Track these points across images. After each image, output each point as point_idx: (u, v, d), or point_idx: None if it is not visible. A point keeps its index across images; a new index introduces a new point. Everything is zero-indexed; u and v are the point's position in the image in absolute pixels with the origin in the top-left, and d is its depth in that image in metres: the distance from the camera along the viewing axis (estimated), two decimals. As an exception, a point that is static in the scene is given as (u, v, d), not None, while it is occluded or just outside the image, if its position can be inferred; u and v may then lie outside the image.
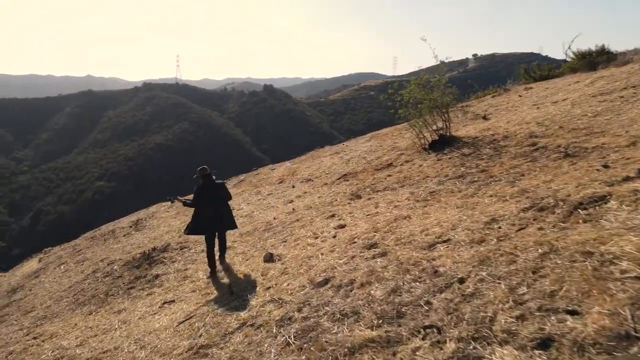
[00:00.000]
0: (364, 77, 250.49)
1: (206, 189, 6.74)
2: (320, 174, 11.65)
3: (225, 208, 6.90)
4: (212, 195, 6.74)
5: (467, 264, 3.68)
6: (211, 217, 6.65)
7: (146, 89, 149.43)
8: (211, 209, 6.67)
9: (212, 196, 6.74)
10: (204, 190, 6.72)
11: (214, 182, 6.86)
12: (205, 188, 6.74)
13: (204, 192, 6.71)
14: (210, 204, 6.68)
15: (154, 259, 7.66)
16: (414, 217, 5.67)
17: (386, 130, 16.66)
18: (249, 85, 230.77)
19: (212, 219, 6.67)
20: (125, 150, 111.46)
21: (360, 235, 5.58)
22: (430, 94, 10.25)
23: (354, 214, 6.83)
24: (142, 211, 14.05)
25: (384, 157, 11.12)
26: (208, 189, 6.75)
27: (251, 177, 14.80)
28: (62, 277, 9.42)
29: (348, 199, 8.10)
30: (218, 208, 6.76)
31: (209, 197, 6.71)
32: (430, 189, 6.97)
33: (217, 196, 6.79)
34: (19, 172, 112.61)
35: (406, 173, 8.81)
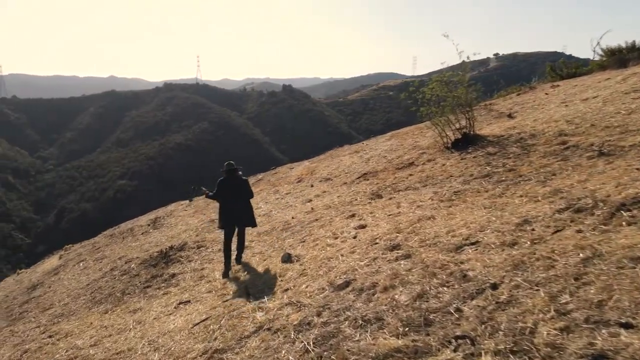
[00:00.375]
0: (383, 77, 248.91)
1: (228, 183, 6.75)
2: (339, 173, 11.43)
3: (245, 204, 6.88)
4: (233, 191, 6.74)
5: (500, 269, 3.42)
6: (231, 211, 6.70)
7: (167, 89, 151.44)
8: (231, 204, 6.71)
9: (234, 191, 6.75)
10: (225, 184, 6.74)
11: (238, 178, 6.87)
12: (227, 183, 6.76)
13: (225, 187, 6.73)
14: (230, 199, 6.72)
15: (171, 258, 7.58)
16: (438, 218, 5.41)
17: (406, 129, 16.35)
18: (268, 86, 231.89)
19: (232, 213, 6.71)
20: (147, 149, 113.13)
21: (382, 236, 5.35)
22: (454, 92, 9.91)
23: (375, 214, 6.60)
24: (160, 209, 14.08)
25: (405, 156, 10.84)
26: (230, 184, 6.76)
27: (269, 176, 14.68)
28: (80, 274, 9.44)
29: (368, 198, 7.87)
30: (238, 204, 6.77)
31: (230, 192, 6.73)
32: (454, 188, 6.68)
33: (238, 192, 6.79)
34: (44, 171, 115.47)
35: (428, 172, 8.53)
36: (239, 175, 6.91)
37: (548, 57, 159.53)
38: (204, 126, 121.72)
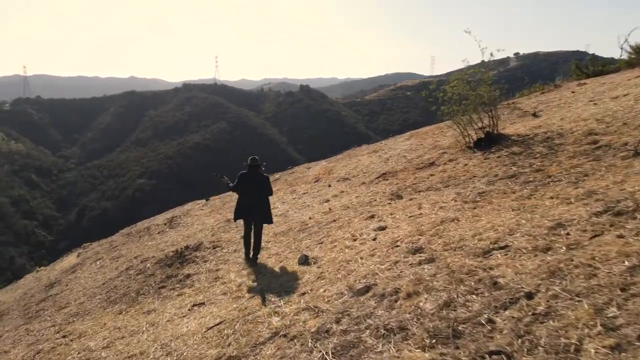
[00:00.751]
0: (401, 77, 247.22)
1: (248, 178, 6.81)
2: (357, 172, 11.20)
3: (263, 201, 6.89)
4: (253, 186, 6.80)
5: (534, 276, 3.17)
6: (248, 206, 6.78)
7: (185, 90, 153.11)
8: (249, 199, 6.78)
9: (253, 186, 6.80)
10: (245, 178, 6.81)
11: (259, 174, 6.89)
12: (248, 177, 6.81)
13: (245, 180, 6.80)
14: (249, 194, 6.79)
15: (186, 258, 7.47)
16: (463, 220, 5.15)
17: (426, 128, 16.01)
18: (285, 86, 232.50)
19: (249, 208, 6.78)
20: (165, 149, 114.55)
21: (404, 239, 5.12)
22: (477, 90, 9.59)
23: (395, 215, 6.36)
24: (177, 209, 14.05)
25: (425, 156, 10.56)
26: (250, 178, 6.81)
27: (286, 176, 14.53)
28: (97, 273, 9.43)
29: (388, 199, 7.63)
30: (256, 199, 6.80)
31: (249, 187, 6.80)
32: (479, 189, 6.40)
33: (258, 188, 6.82)
34: (66, 170, 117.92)
35: (450, 172, 8.24)
36: (260, 171, 6.93)
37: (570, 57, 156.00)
38: (221, 126, 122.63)
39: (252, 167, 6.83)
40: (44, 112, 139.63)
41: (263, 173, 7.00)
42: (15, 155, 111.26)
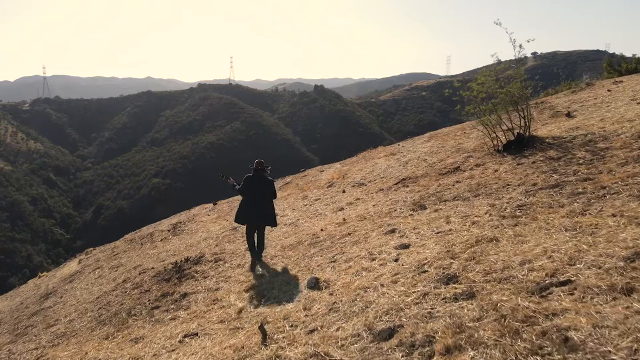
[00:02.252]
0: (416, 77, 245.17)
1: (254, 181, 6.77)
2: (374, 177, 10.38)
3: (267, 204, 6.85)
4: (258, 189, 6.76)
5: (622, 334, 2.33)
6: (252, 209, 6.71)
7: (201, 90, 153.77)
8: (253, 202, 6.74)
9: (258, 190, 6.76)
10: (250, 181, 6.77)
11: (264, 177, 6.87)
12: (253, 180, 6.78)
13: (250, 183, 6.76)
14: (253, 197, 6.75)
15: (185, 273, 6.76)
16: (503, 241, 4.31)
17: (447, 129, 15.10)
18: (299, 86, 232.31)
19: (253, 211, 6.71)
20: (180, 148, 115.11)
21: (432, 262, 4.30)
22: (507, 86, 8.69)
23: (419, 230, 5.54)
24: (183, 213, 13.42)
25: (448, 160, 9.69)
26: (256, 181, 6.77)
27: (298, 179, 13.76)
28: (93, 284, 8.81)
29: (410, 209, 6.80)
30: (260, 202, 6.75)
31: (254, 190, 6.75)
32: (516, 201, 5.53)
33: (262, 191, 6.79)
34: (83, 169, 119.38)
35: (479, 179, 7.38)
36: (266, 175, 6.91)
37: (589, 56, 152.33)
38: (236, 126, 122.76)
39: (257, 170, 6.81)
40: (62, 112, 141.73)
41: (268, 177, 6.95)
42: (34, 154, 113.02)
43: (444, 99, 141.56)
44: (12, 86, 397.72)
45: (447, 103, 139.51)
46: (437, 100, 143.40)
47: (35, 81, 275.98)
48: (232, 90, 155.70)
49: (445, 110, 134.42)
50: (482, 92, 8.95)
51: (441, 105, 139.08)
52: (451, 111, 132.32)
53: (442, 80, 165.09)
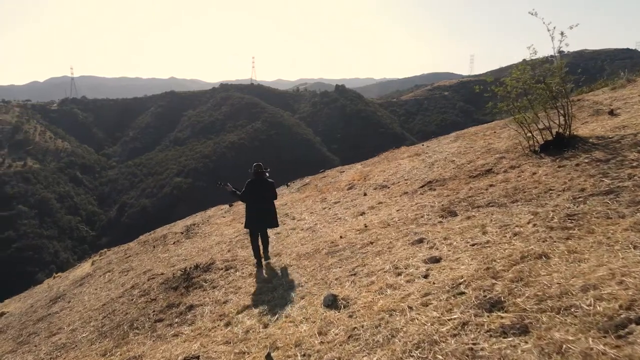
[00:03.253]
0: (438, 77, 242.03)
1: (255, 184, 6.78)
2: (397, 179, 9.74)
3: (269, 206, 6.91)
4: (260, 192, 6.78)
5: None
6: (256, 212, 6.75)
7: (223, 90, 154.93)
8: (258, 205, 6.76)
9: (260, 193, 6.78)
10: (252, 185, 6.76)
11: (264, 180, 6.86)
12: (255, 184, 6.78)
13: (252, 188, 6.76)
14: (256, 200, 6.77)
15: (193, 281, 6.27)
16: (555, 258, 3.65)
17: (474, 129, 14.31)
18: (321, 86, 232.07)
19: (257, 214, 6.76)
20: (202, 148, 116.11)
21: (469, 281, 3.67)
22: (547, 79, 7.92)
23: (451, 241, 4.90)
24: (199, 214, 13.04)
25: (478, 161, 8.97)
26: (257, 185, 6.78)
27: (317, 181, 13.20)
28: (102, 288, 8.45)
29: (438, 215, 6.15)
30: (262, 205, 6.79)
31: (256, 194, 6.77)
32: (564, 209, 4.83)
33: (264, 194, 6.82)
34: (108, 167, 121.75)
35: (515, 183, 6.66)
36: (266, 177, 6.90)
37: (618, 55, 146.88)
38: (257, 125, 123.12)
39: (258, 173, 6.81)
40: (89, 112, 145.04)
41: (268, 179, 6.93)
42: (62, 153, 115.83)
43: (467, 99, 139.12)
44: (42, 86, 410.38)
45: (470, 103, 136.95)
46: (460, 100, 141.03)
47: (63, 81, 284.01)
48: (253, 90, 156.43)
49: (468, 110, 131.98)
50: (517, 87, 8.20)
51: (464, 105, 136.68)
52: (474, 111, 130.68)
53: (465, 80, 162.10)
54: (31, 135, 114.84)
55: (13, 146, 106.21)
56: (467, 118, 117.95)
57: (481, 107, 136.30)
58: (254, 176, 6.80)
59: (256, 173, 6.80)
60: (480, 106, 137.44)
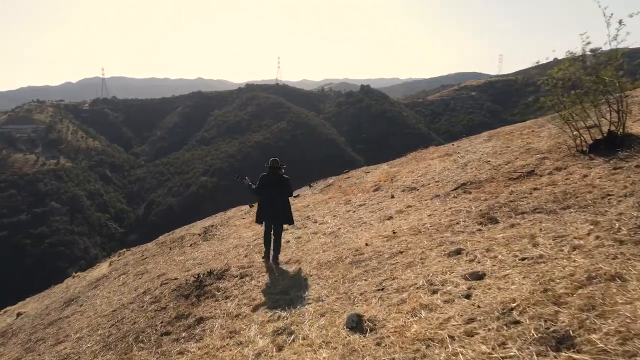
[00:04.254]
0: (465, 77, 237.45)
1: (269, 179, 6.71)
2: (427, 181, 9.05)
3: (283, 202, 6.80)
4: (273, 187, 6.69)
5: None
6: (269, 207, 6.72)
7: (248, 90, 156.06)
8: (270, 200, 6.69)
9: (274, 188, 6.69)
10: (266, 180, 6.71)
11: (279, 175, 6.75)
12: (268, 179, 6.71)
13: (265, 182, 6.70)
14: (270, 195, 6.69)
15: (205, 290, 5.78)
16: (633, 281, 2.96)
17: (509, 128, 13.44)
18: (346, 86, 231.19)
19: (270, 209, 6.72)
20: (227, 147, 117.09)
21: (524, 306, 3.02)
22: (603, 71, 7.10)
23: (495, 254, 4.23)
24: (218, 215, 12.65)
25: (517, 162, 8.20)
26: (271, 180, 6.71)
27: (341, 182, 12.60)
28: (115, 292, 8.11)
29: (476, 222, 5.47)
30: (276, 201, 6.70)
31: (270, 189, 6.69)
32: (632, 218, 4.09)
33: (278, 189, 6.72)
34: (136, 166, 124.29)
35: (564, 187, 5.91)
36: (281, 173, 6.79)
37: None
38: (282, 125, 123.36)
39: (272, 168, 6.72)
40: (119, 112, 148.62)
41: (283, 175, 6.81)
42: (92, 151, 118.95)
43: (495, 99, 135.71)
44: (74, 87, 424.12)
45: (498, 103, 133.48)
46: (488, 100, 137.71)
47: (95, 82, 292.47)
48: (279, 90, 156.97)
49: (496, 110, 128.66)
50: (565, 79, 7.41)
51: (491, 105, 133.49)
52: (502, 112, 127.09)
53: (494, 80, 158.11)
54: (64, 134, 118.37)
55: (47, 145, 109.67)
56: (494, 118, 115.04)
57: (509, 107, 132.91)
58: (269, 171, 6.73)
59: (271, 168, 6.72)
60: (509, 106, 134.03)
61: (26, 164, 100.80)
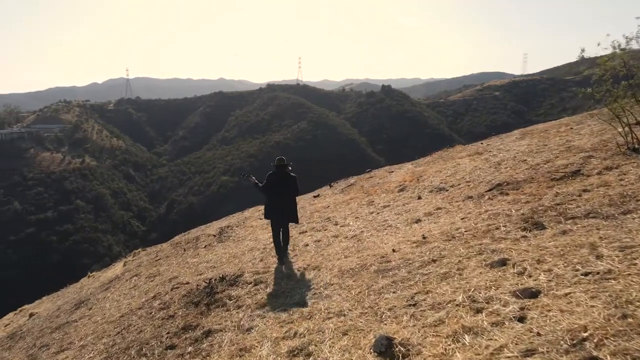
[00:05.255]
0: (488, 77, 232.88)
1: (276, 178, 6.67)
2: (457, 181, 8.39)
3: (289, 201, 6.78)
4: (280, 186, 6.66)
5: None
6: (276, 206, 6.71)
7: (269, 90, 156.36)
8: (277, 199, 6.68)
9: (280, 186, 6.67)
10: (273, 178, 6.67)
11: (286, 174, 6.71)
12: (275, 177, 6.67)
13: (272, 180, 6.67)
14: (276, 194, 6.67)
15: (216, 298, 5.30)
16: None
17: (542, 125, 12.63)
18: (367, 86, 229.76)
19: (277, 208, 6.71)
20: (248, 147, 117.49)
21: (600, 337, 2.41)
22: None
23: (549, 266, 3.60)
24: (235, 215, 12.22)
25: (558, 161, 7.48)
26: (278, 178, 6.66)
27: (363, 181, 12.00)
28: (126, 295, 7.73)
29: (519, 228, 4.82)
30: (282, 199, 6.69)
31: (277, 187, 6.66)
32: None
33: (285, 188, 6.68)
34: (159, 165, 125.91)
35: (619, 188, 5.20)
36: (288, 171, 6.74)
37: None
38: (302, 125, 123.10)
39: (279, 167, 6.68)
40: (142, 112, 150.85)
41: (290, 173, 6.76)
42: (116, 151, 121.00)
43: (519, 99, 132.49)
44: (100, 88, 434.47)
45: (523, 103, 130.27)
46: (512, 100, 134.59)
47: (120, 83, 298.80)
48: (299, 91, 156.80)
49: (520, 111, 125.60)
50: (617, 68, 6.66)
51: (515, 105, 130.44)
52: (526, 112, 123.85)
53: (518, 80, 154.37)
54: (89, 133, 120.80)
55: (73, 144, 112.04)
56: (519, 119, 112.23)
57: (534, 107, 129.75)
58: (276, 169, 6.69)
59: (278, 166, 6.69)
60: (533, 107, 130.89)
61: (53, 162, 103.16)
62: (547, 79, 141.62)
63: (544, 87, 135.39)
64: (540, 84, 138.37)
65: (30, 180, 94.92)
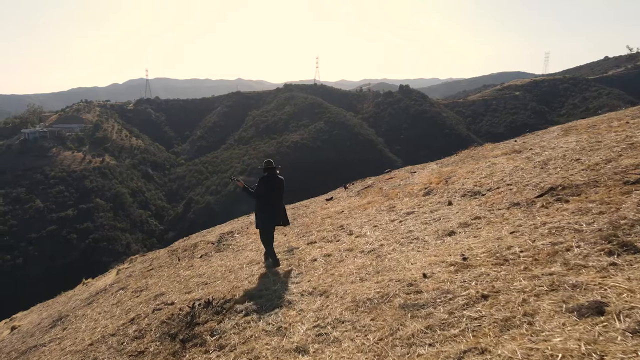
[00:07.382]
0: (508, 77, 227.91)
1: (267, 182, 6.54)
2: (495, 184, 7.04)
3: (279, 203, 6.68)
4: (272, 189, 6.55)
5: None
6: (268, 210, 6.56)
7: (286, 90, 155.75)
8: (269, 202, 6.56)
9: (272, 190, 6.55)
10: (265, 182, 6.54)
11: (276, 177, 6.63)
12: (267, 181, 6.54)
13: (266, 185, 6.52)
14: (270, 198, 6.55)
15: (196, 332, 4.13)
16: None
17: (586, 121, 11.13)
18: (384, 86, 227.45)
19: (269, 212, 6.56)
20: (265, 147, 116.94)
21: None
22: None
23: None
24: (241, 219, 11.09)
25: (623, 160, 6.09)
26: (269, 182, 6.54)
27: (382, 183, 10.71)
28: (106, 314, 6.64)
29: (601, 250, 3.50)
30: (273, 202, 6.58)
31: (270, 191, 6.54)
32: None
33: (276, 191, 6.59)
34: (177, 164, 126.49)
35: None
36: (276, 173, 6.64)
37: None
38: (319, 125, 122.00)
39: (269, 170, 6.58)
40: (161, 112, 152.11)
41: (278, 175, 6.69)
42: (135, 150, 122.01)
43: (540, 100, 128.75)
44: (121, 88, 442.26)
45: (544, 104, 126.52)
46: (532, 100, 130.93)
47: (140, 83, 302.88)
48: (316, 91, 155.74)
49: (541, 111, 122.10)
50: None
51: (536, 106, 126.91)
52: (548, 112, 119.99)
53: (539, 79, 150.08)
54: (109, 133, 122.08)
55: (93, 143, 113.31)
56: (539, 119, 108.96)
57: (556, 107, 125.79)
58: (267, 173, 6.55)
59: (265, 169, 6.57)
60: (555, 107, 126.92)
61: (74, 161, 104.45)
62: (569, 79, 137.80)
63: (566, 86, 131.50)
64: (562, 84, 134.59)
65: (52, 179, 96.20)
